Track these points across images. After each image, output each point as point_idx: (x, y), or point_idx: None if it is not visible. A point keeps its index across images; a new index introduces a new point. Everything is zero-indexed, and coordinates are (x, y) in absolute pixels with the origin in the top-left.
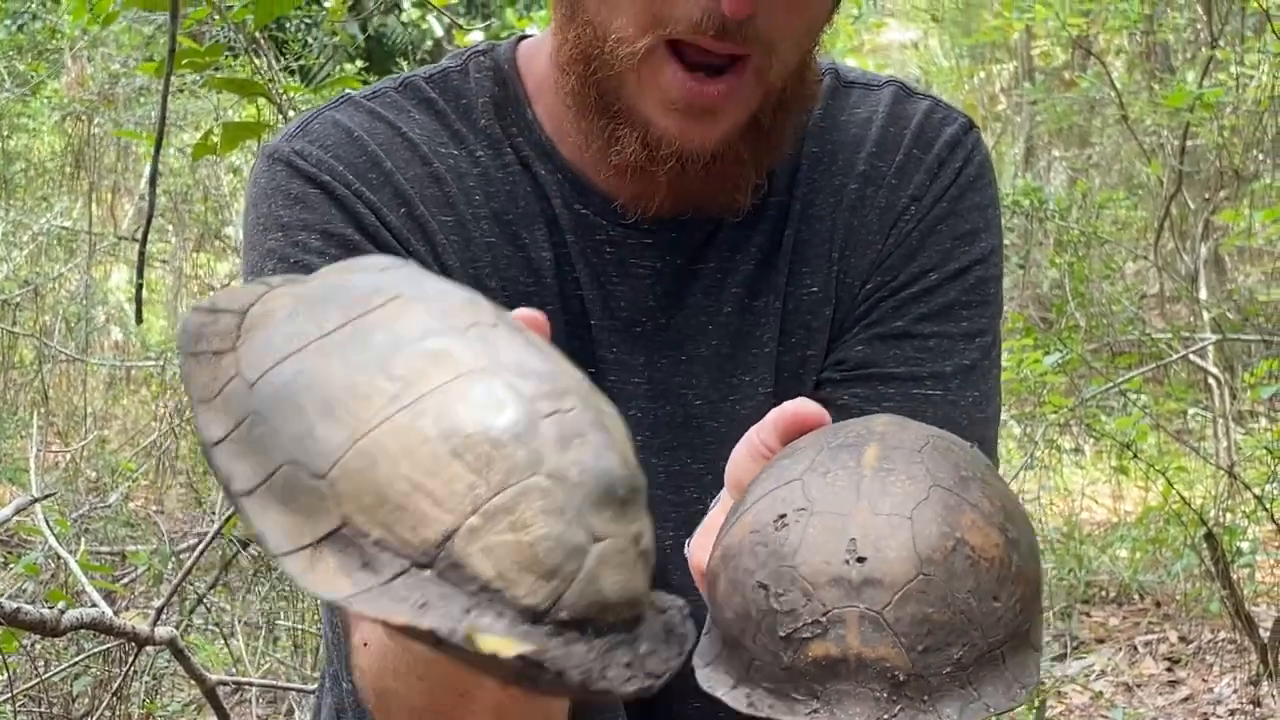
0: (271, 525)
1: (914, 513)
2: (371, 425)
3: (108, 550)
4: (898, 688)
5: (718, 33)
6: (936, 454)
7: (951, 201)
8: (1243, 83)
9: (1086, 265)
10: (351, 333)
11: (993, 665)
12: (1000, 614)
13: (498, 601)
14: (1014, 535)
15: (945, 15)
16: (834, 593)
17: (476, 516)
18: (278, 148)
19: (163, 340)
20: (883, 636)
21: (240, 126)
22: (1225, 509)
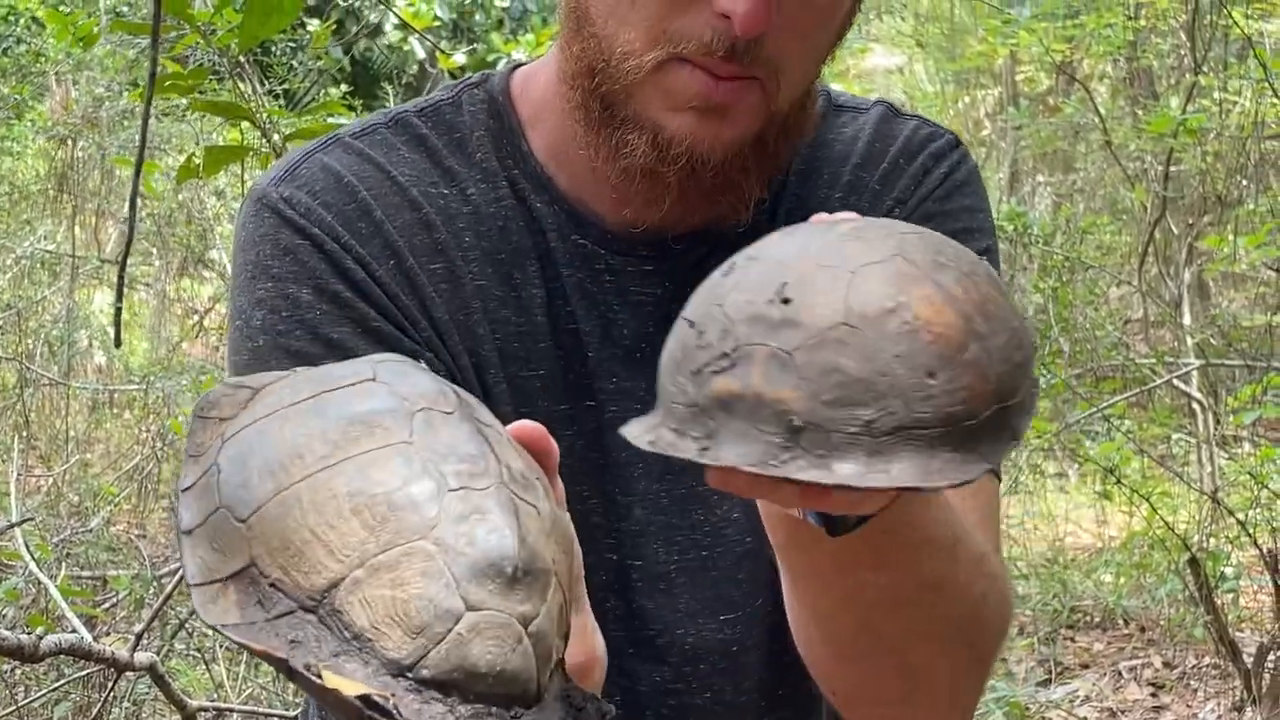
0: (196, 560)
1: (860, 269)
2: (295, 480)
3: (89, 575)
4: (794, 434)
5: (727, 54)
6: (920, 240)
7: (938, 203)
8: (1226, 109)
9: (1070, 291)
10: (313, 404)
11: (913, 443)
12: (933, 393)
13: (367, 650)
14: (981, 329)
15: (930, 41)
16: (749, 329)
17: (362, 570)
18: (266, 192)
19: (146, 364)
20: (786, 377)
21: (224, 150)
22: (1209, 534)
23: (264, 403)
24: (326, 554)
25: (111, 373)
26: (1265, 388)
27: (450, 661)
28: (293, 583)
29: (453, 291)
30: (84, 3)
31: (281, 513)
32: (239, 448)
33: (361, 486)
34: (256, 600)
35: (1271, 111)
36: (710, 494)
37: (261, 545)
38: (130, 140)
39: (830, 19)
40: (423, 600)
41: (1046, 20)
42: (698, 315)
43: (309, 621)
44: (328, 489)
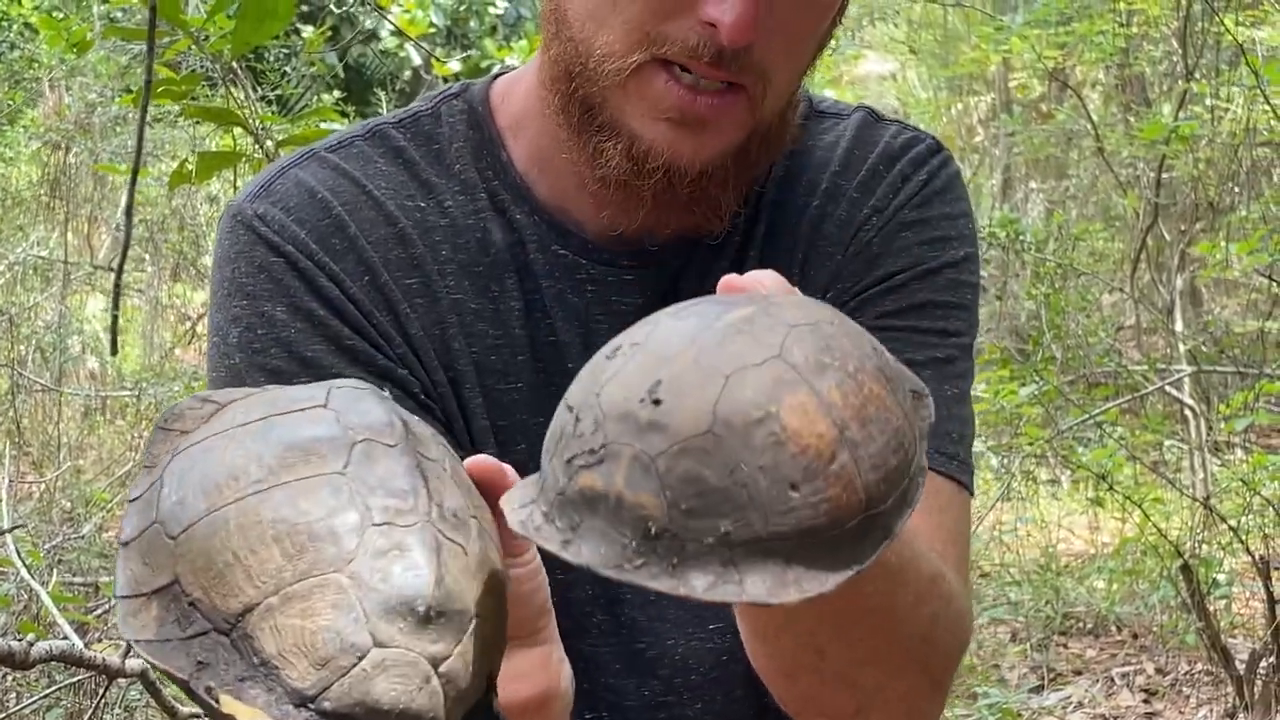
0: (127, 572)
1: (734, 373)
2: (226, 501)
3: (81, 581)
4: (648, 541)
5: (713, 60)
6: (811, 335)
7: (916, 210)
8: (1218, 115)
9: (1063, 297)
10: (260, 426)
11: (770, 558)
12: (794, 505)
13: (272, 678)
14: (855, 437)
15: (923, 47)
16: (619, 427)
17: (276, 597)
18: (241, 209)
19: (138, 370)
20: (648, 483)
21: (216, 156)
22: (1201, 541)
23: (220, 419)
24: (245, 578)
25: (104, 379)
26: (1257, 394)
27: (352, 696)
28: (210, 604)
29: (428, 306)
30: (78, 9)
31: (209, 533)
32: (183, 463)
33: (286, 514)
34: (175, 618)
35: (1263, 118)
36: None
37: (187, 564)
38: (123, 146)
39: (818, 27)
40: (330, 632)
41: (1039, 27)
42: (576, 401)
43: (221, 644)
44: (255, 514)
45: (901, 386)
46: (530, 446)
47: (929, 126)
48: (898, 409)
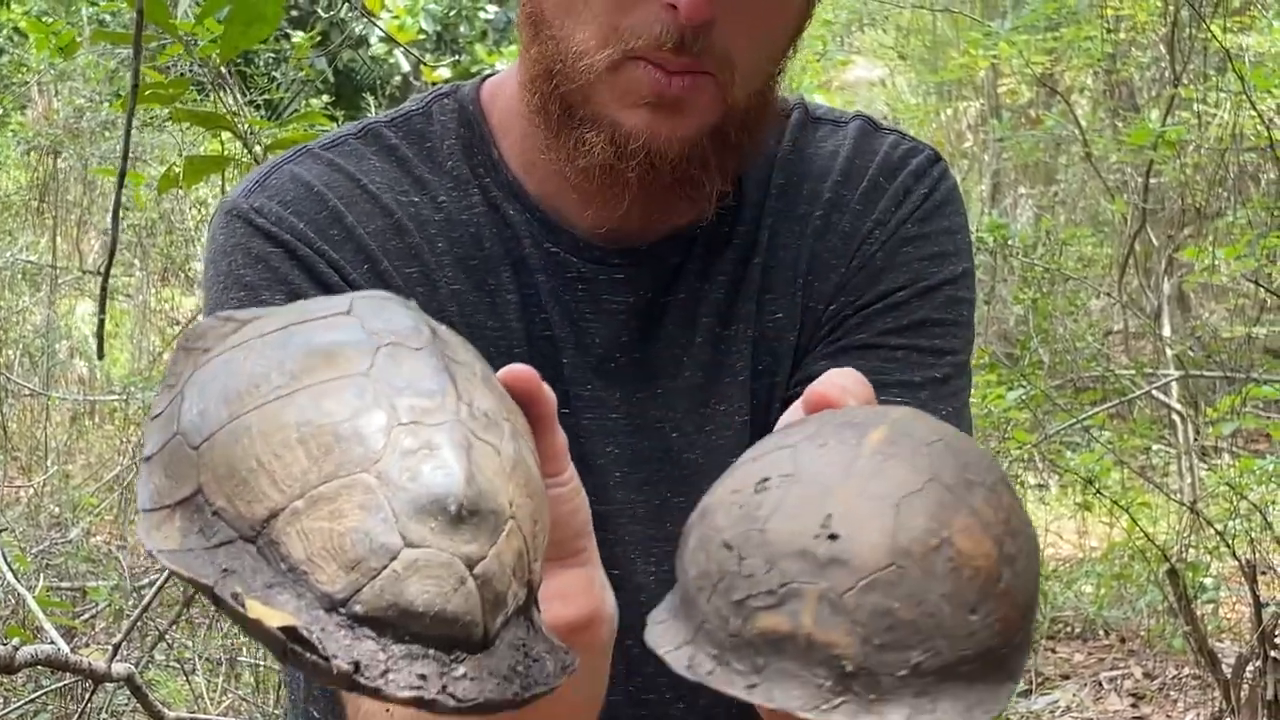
0: (149, 486)
1: (902, 501)
2: (248, 408)
3: (68, 586)
4: (844, 679)
5: (676, 46)
6: (947, 451)
7: (918, 224)
8: (1205, 121)
9: (1051, 302)
10: (280, 335)
11: (955, 681)
12: (975, 629)
13: (301, 583)
14: (1010, 551)
15: (912, 53)
16: (797, 565)
17: (301, 500)
18: (236, 204)
19: (127, 374)
20: (838, 621)
21: (205, 160)
22: (1188, 545)
23: (241, 334)
24: (269, 484)
25: (92, 383)
26: (1244, 399)
27: (384, 599)
28: (235, 512)
29: (429, 295)
30: (66, 13)
31: (231, 441)
32: (203, 376)
33: (310, 417)
34: (199, 528)
35: (1250, 124)
36: (685, 505)
37: (209, 473)
38: (112, 151)
39: (781, 11)
40: (359, 534)
41: (1027, 33)
42: (736, 539)
43: (247, 552)
44: (277, 418)
45: None
46: None
47: (918, 132)
48: (1022, 513)
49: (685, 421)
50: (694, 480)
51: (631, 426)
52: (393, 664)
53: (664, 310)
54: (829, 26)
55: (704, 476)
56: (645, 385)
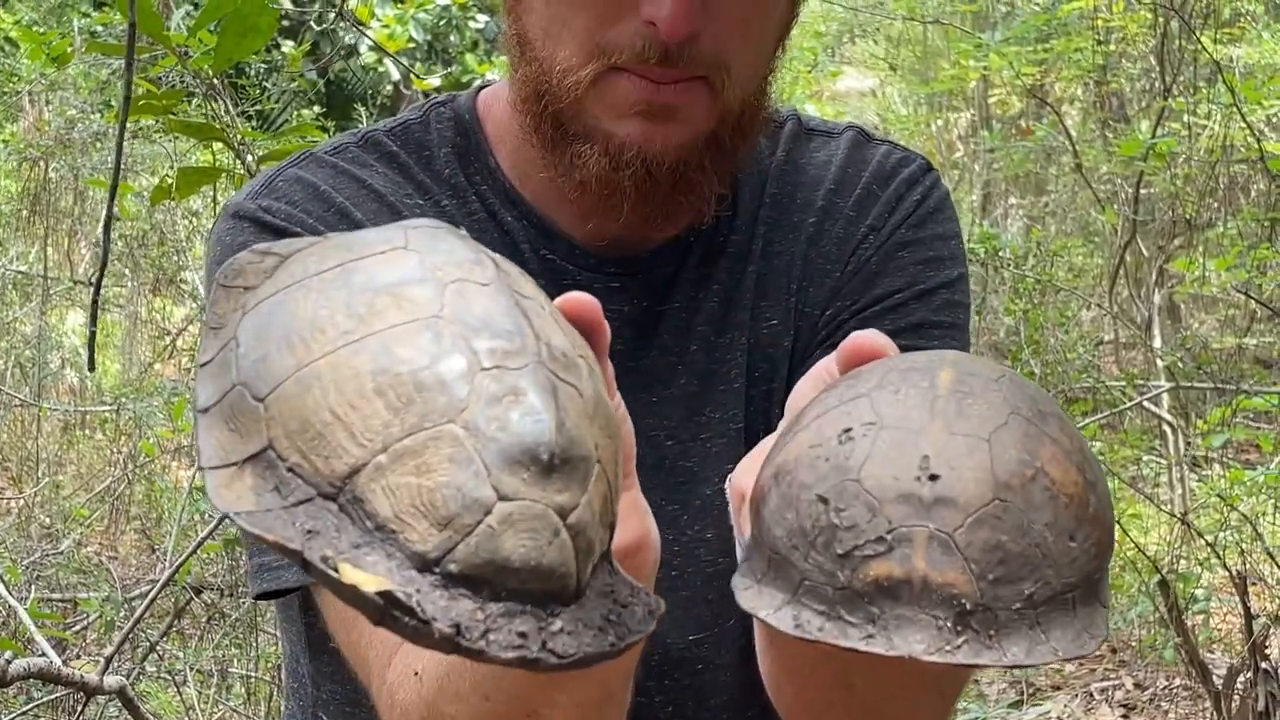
0: (211, 441)
1: (992, 436)
2: (315, 356)
3: (59, 598)
4: (963, 617)
5: (661, 59)
6: (1014, 386)
7: (912, 230)
8: (1195, 132)
9: (1042, 313)
10: (338, 273)
11: (1063, 609)
12: (1075, 555)
13: (390, 542)
14: (1091, 477)
15: (903, 64)
16: (902, 509)
17: (385, 455)
18: (242, 205)
19: (118, 385)
20: (952, 561)
21: (198, 171)
22: (1179, 556)
23: (289, 271)
24: (348, 437)
25: (83, 394)
26: (1234, 410)
27: (480, 555)
28: (312, 468)
29: None
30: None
31: (300, 391)
32: (259, 319)
33: (386, 364)
34: (274, 486)
35: (1240, 135)
36: (680, 513)
37: (279, 426)
38: (103, 161)
39: (769, 10)
40: (450, 489)
41: (1017, 44)
42: (830, 491)
43: (328, 510)
44: (349, 367)
45: None
46: None
47: (909, 142)
48: (1083, 436)
49: (680, 429)
50: (688, 487)
51: None
52: (492, 623)
53: (659, 319)
54: (820, 38)
55: (698, 484)
56: (640, 394)
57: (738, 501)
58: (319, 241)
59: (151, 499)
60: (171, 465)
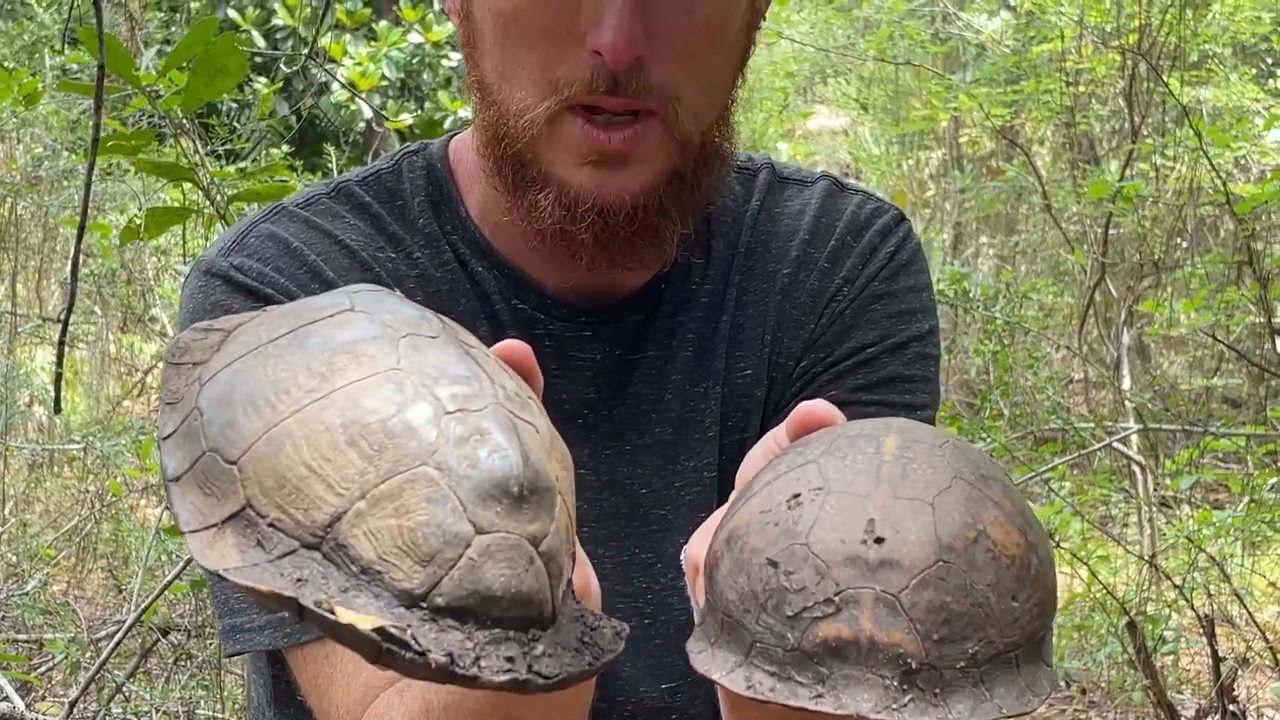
0: (188, 506)
1: (936, 499)
2: (284, 415)
3: (25, 639)
4: (909, 676)
5: (610, 89)
6: (957, 451)
7: (885, 282)
8: (1164, 174)
9: (1011, 355)
10: (292, 338)
11: (1007, 667)
12: (1018, 615)
13: (376, 583)
14: (1034, 539)
15: (874, 103)
16: (849, 572)
17: (363, 501)
18: (214, 263)
19: (86, 423)
20: (897, 621)
21: (166, 211)
22: (1147, 598)
23: (239, 341)
24: (325, 488)
25: (51, 432)
26: (1202, 451)
27: (464, 587)
28: (292, 521)
29: None
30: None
31: (272, 450)
32: (219, 388)
33: (355, 416)
34: (256, 541)
35: (1207, 177)
36: (653, 561)
37: (255, 485)
38: (71, 199)
39: (718, 37)
40: (430, 526)
41: (987, 85)
42: (780, 555)
43: (313, 559)
44: (319, 422)
45: None
46: None
47: (881, 181)
48: (1025, 500)
49: (654, 478)
50: (662, 536)
51: (599, 484)
52: (481, 650)
53: (633, 368)
54: (792, 79)
55: (672, 532)
56: (614, 442)
57: (692, 572)
58: (263, 313)
59: (119, 538)
60: (140, 504)
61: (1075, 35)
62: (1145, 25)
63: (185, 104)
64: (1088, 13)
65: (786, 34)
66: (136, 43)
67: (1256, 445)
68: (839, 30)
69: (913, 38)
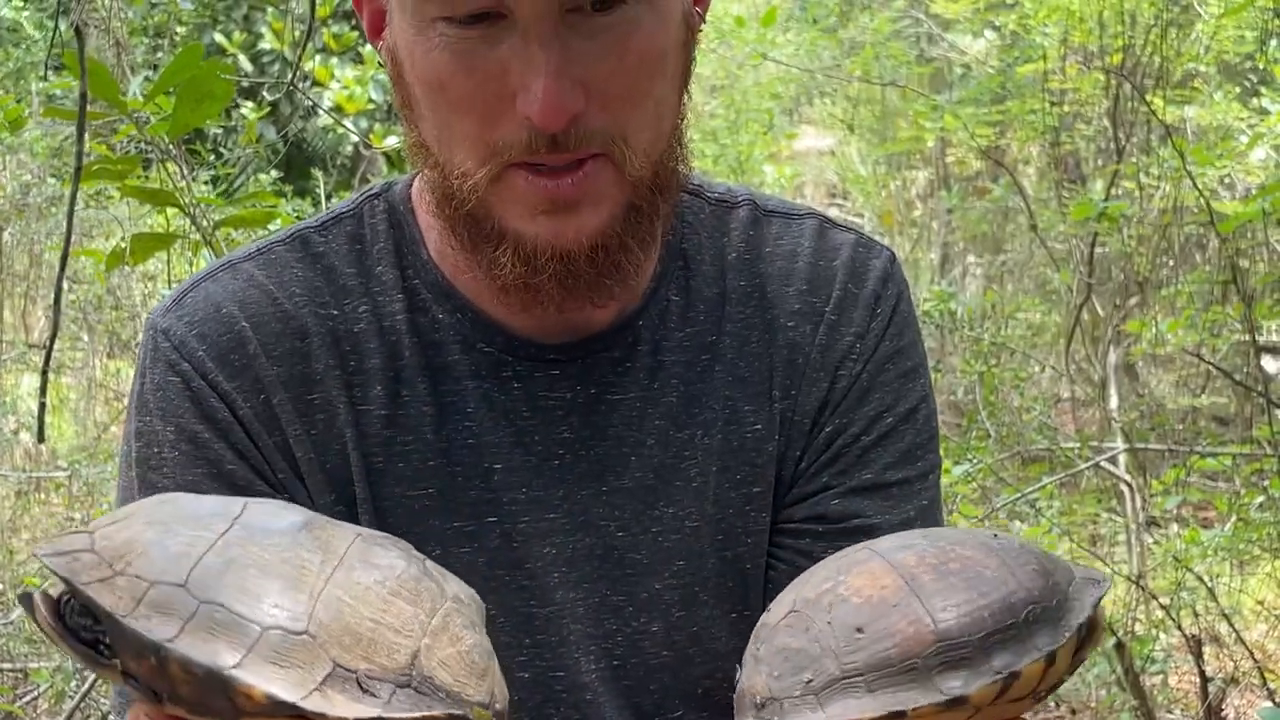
0: (276, 681)
1: (843, 565)
2: (321, 586)
3: (10, 668)
4: (759, 710)
5: (550, 148)
6: (922, 538)
7: (894, 340)
8: (1149, 193)
9: (998, 375)
10: (243, 530)
11: (849, 692)
12: (863, 644)
13: (459, 702)
14: (928, 588)
15: (861, 124)
16: (754, 643)
17: (427, 638)
18: (155, 321)
19: (72, 449)
20: (757, 669)
21: (152, 237)
22: (1135, 618)
23: (165, 546)
24: (395, 634)
25: (38, 458)
26: (1188, 470)
27: (504, 691)
28: (381, 666)
29: (326, 423)
30: (15, 86)
31: (335, 615)
32: (215, 580)
33: (381, 575)
34: (360, 690)
35: (1191, 196)
36: (626, 604)
37: (335, 646)
38: (58, 226)
39: (654, 69)
40: (479, 649)
41: (972, 105)
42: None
43: (412, 694)
44: (356, 584)
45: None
46: (444, 551)
47: (868, 201)
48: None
49: (632, 522)
50: (635, 579)
51: (573, 525)
52: None
53: (612, 409)
54: (778, 100)
55: (647, 576)
56: (591, 483)
57: None
58: (125, 524)
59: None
60: None
61: (1060, 55)
62: (1129, 45)
63: (171, 130)
64: (1072, 33)
65: (771, 56)
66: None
67: (1243, 464)
68: (825, 51)
69: (898, 58)
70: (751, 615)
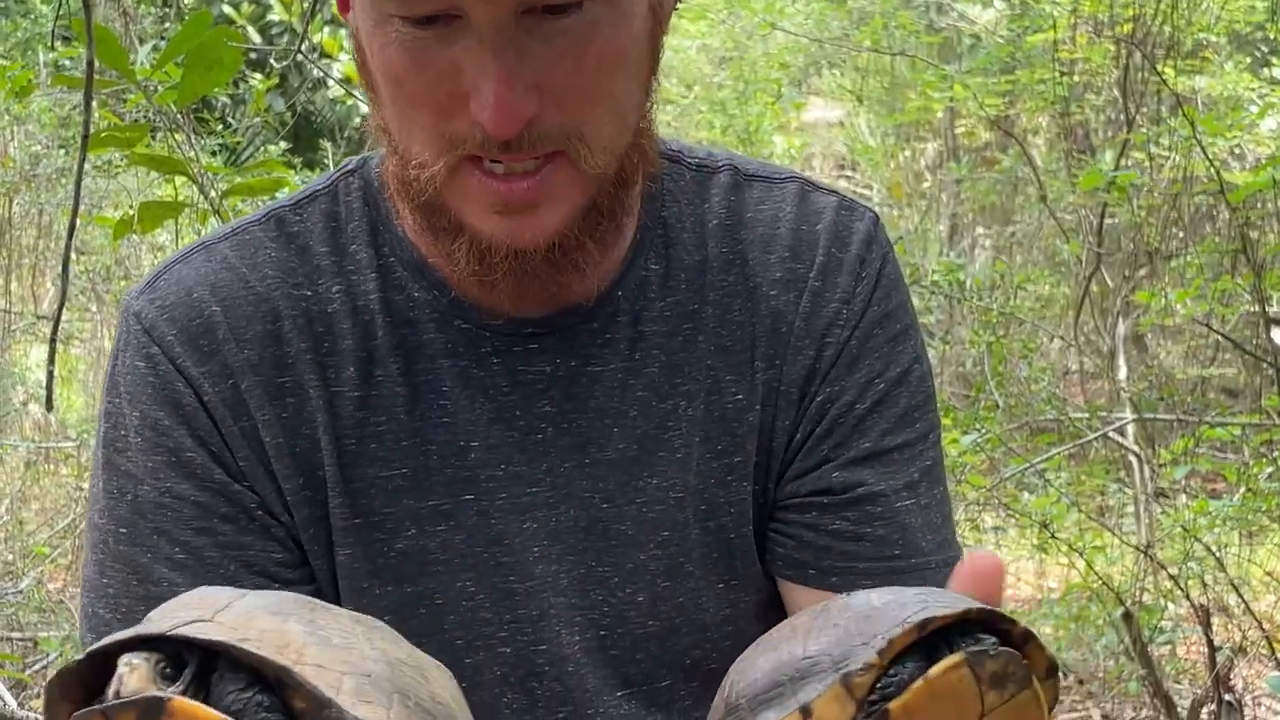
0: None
1: None
2: (369, 655)
3: (19, 637)
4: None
5: (503, 150)
6: None
7: (881, 304)
8: (1158, 163)
9: (1006, 345)
10: (308, 612)
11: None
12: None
13: None
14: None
15: (870, 95)
16: None
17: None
18: (129, 304)
19: (81, 420)
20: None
21: (161, 205)
22: (1143, 588)
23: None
24: (440, 702)
25: (47, 429)
26: (1197, 440)
27: None
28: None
29: (297, 406)
30: (23, 56)
31: (403, 685)
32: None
33: (404, 650)
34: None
35: (1201, 166)
36: (611, 575)
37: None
38: (68, 196)
39: (615, 67)
40: None
41: (981, 75)
42: None
43: None
44: (395, 653)
45: None
46: (419, 530)
47: (876, 173)
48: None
49: (617, 494)
50: (620, 550)
51: (556, 498)
52: None
53: (594, 381)
54: (786, 71)
55: (632, 547)
56: (574, 455)
57: None
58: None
59: None
60: None
61: (1070, 25)
62: (1139, 14)
63: (180, 98)
64: (1082, 2)
65: (780, 25)
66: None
67: (1252, 434)
68: (834, 21)
69: (907, 28)
70: (738, 585)
